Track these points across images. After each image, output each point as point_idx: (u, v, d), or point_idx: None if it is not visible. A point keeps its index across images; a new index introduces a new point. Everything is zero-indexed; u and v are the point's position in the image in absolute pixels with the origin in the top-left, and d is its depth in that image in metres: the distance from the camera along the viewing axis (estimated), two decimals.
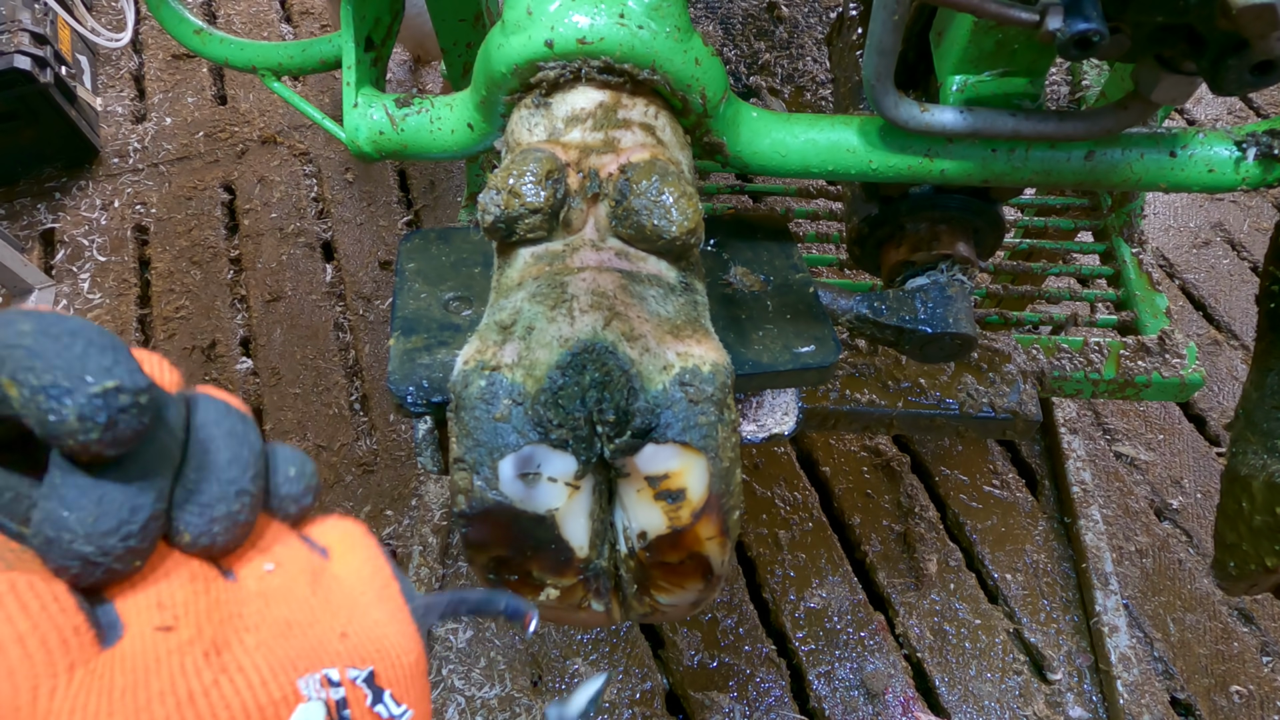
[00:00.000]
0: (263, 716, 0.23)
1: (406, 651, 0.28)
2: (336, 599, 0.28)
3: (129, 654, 0.23)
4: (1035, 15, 0.47)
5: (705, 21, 1.88)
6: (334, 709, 0.25)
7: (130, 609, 0.24)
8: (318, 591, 0.27)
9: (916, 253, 0.70)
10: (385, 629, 0.28)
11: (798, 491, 1.43)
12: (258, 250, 1.74)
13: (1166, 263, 1.78)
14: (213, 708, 0.23)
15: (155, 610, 0.24)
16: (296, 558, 0.28)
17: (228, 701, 0.23)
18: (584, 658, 1.28)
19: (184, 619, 0.24)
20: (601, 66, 0.51)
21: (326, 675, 0.25)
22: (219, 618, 0.25)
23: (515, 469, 0.42)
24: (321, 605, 0.27)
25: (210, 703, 0.23)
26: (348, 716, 0.25)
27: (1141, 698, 1.23)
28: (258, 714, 0.23)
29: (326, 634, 0.26)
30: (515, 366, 0.44)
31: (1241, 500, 0.66)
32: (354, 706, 0.25)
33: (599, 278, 0.47)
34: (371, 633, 0.27)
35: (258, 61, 0.83)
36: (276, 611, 0.26)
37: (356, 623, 0.27)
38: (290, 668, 0.24)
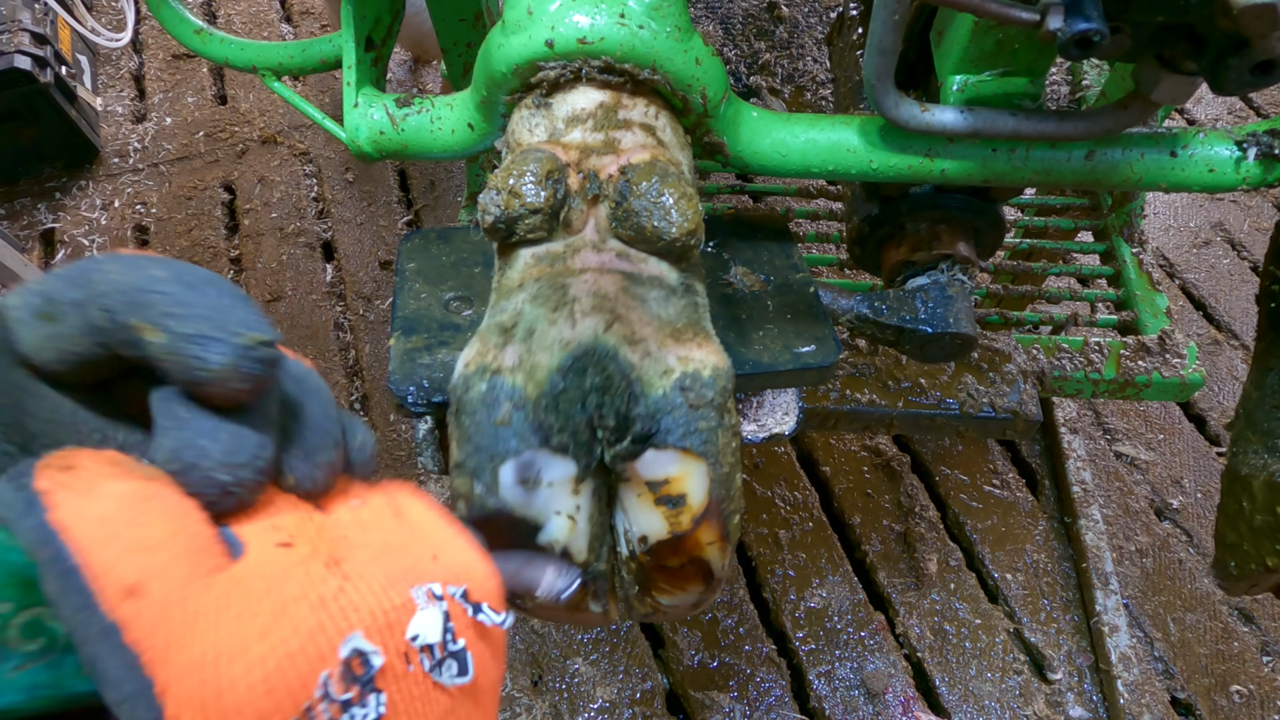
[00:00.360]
0: (387, 620, 0.24)
1: (490, 575, 0.29)
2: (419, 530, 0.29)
3: (258, 565, 0.24)
4: (1036, 15, 0.47)
5: (705, 21, 1.88)
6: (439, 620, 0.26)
7: (246, 531, 0.26)
8: (403, 522, 0.28)
9: (917, 253, 0.70)
10: (468, 555, 0.29)
11: (798, 491, 1.43)
12: (258, 250, 1.74)
13: (1166, 263, 1.78)
14: (344, 610, 0.24)
15: (272, 531, 0.25)
16: (377, 496, 0.30)
17: (356, 605, 0.24)
18: (584, 658, 1.28)
19: (299, 538, 0.25)
20: (602, 66, 0.51)
21: (430, 589, 0.26)
22: (329, 538, 0.26)
23: (515, 475, 0.42)
24: (409, 532, 0.28)
25: (341, 606, 0.24)
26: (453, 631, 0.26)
27: (1142, 697, 1.23)
28: (383, 618, 0.24)
29: (421, 555, 0.27)
30: (516, 370, 0.44)
31: (1242, 500, 0.66)
32: (456, 619, 0.26)
33: (600, 279, 0.47)
34: (458, 557, 0.28)
35: (258, 61, 0.83)
36: (373, 535, 0.27)
37: (443, 548, 0.28)
38: (402, 580, 0.25)
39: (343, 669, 0.23)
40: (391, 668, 0.24)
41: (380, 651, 0.24)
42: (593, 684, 1.25)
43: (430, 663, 0.25)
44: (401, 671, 0.24)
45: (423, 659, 0.25)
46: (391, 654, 0.24)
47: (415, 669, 0.25)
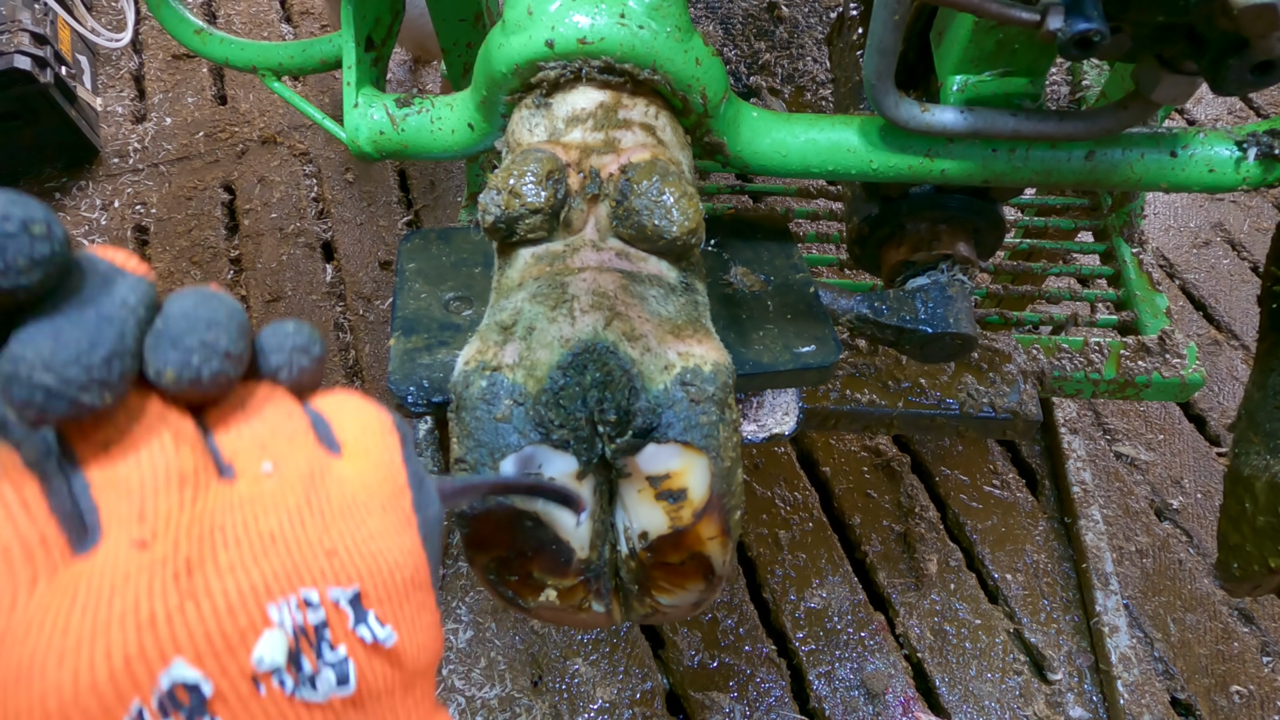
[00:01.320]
0: (226, 644, 0.23)
1: (400, 567, 0.27)
2: (332, 507, 0.26)
3: (99, 568, 0.22)
4: (1036, 15, 0.47)
5: (705, 21, 1.88)
6: (311, 632, 0.24)
7: (111, 514, 0.23)
8: (312, 500, 0.26)
9: (917, 253, 0.70)
10: (381, 542, 0.27)
11: (798, 491, 1.43)
12: (258, 250, 1.74)
13: (1166, 263, 1.78)
14: (174, 634, 0.22)
15: (136, 523, 0.23)
16: (298, 456, 0.27)
17: (190, 629, 0.22)
18: (584, 658, 1.28)
19: (162, 534, 0.23)
20: (602, 66, 0.51)
21: (305, 598, 0.24)
22: (199, 533, 0.24)
23: (516, 469, 0.42)
24: (313, 517, 0.26)
25: (172, 629, 0.22)
26: (329, 641, 0.24)
27: (1142, 698, 1.23)
28: (221, 642, 0.23)
29: (312, 551, 0.25)
30: (516, 367, 0.44)
31: (1244, 501, 0.66)
32: (335, 628, 0.24)
33: (600, 278, 0.47)
34: (363, 547, 0.26)
35: (258, 61, 0.83)
36: (263, 523, 0.25)
37: (349, 536, 0.26)
38: (264, 592, 0.24)
39: (163, 698, 0.22)
40: (232, 693, 0.22)
41: (208, 679, 0.22)
42: (593, 684, 1.25)
43: (294, 682, 0.23)
44: (246, 695, 0.23)
45: (282, 680, 0.23)
46: (231, 679, 0.22)
47: (268, 692, 0.23)
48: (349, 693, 0.24)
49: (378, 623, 0.25)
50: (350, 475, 0.28)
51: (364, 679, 0.25)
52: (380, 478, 0.29)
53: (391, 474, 0.29)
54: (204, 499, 0.24)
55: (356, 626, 0.25)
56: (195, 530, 0.24)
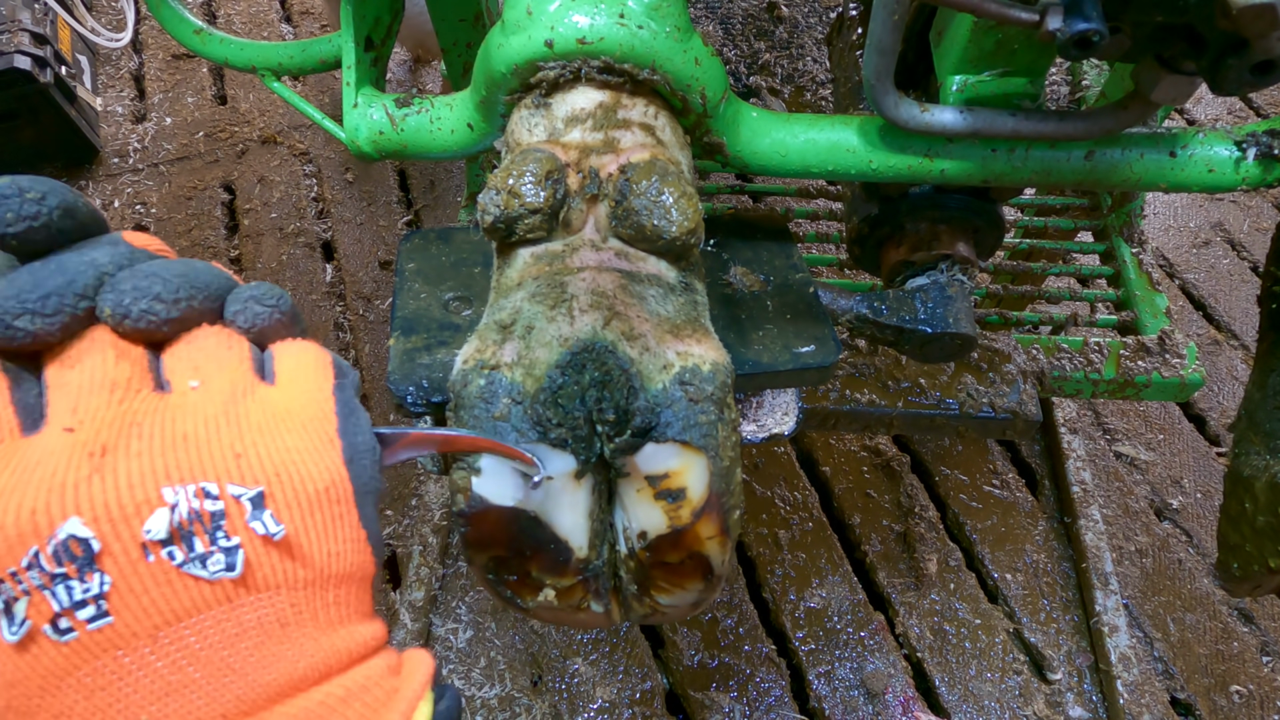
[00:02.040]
0: (122, 513, 0.27)
1: (311, 478, 0.30)
2: (249, 421, 0.30)
3: (34, 445, 0.27)
4: (1035, 15, 0.47)
5: (705, 21, 1.88)
6: (207, 518, 0.28)
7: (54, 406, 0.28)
8: (230, 412, 0.30)
9: (916, 253, 0.70)
10: (294, 455, 0.30)
11: (798, 491, 1.43)
12: (258, 250, 1.74)
13: (1166, 263, 1.78)
14: (77, 499, 0.26)
15: (69, 414, 0.28)
16: (223, 376, 0.31)
17: (92, 496, 0.26)
18: (584, 658, 1.28)
19: (87, 424, 0.28)
20: (601, 66, 0.51)
21: (204, 488, 0.28)
22: (119, 426, 0.28)
23: (514, 468, 0.42)
24: (228, 425, 0.29)
25: (77, 495, 0.26)
26: (223, 526, 0.28)
27: (1141, 697, 1.23)
28: (117, 510, 0.27)
29: (220, 451, 0.29)
30: (515, 366, 0.44)
31: (1244, 501, 0.66)
32: (231, 519, 0.28)
33: (598, 277, 0.47)
34: (274, 456, 0.29)
35: (258, 61, 0.83)
36: (178, 426, 0.29)
37: (261, 446, 0.29)
38: (163, 475, 0.27)
39: (57, 547, 0.26)
40: (122, 554, 0.26)
41: (99, 539, 0.26)
42: (592, 684, 1.25)
43: (184, 556, 0.27)
44: (136, 558, 0.27)
45: (171, 552, 0.27)
46: (121, 542, 0.26)
47: (156, 560, 0.27)
48: (234, 576, 0.28)
49: (272, 519, 0.29)
50: (277, 398, 0.31)
51: (254, 567, 0.28)
52: (304, 402, 0.32)
53: (317, 400, 0.32)
54: (132, 402, 0.29)
55: (251, 520, 0.28)
56: (117, 424, 0.28)
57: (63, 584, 0.26)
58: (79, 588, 0.26)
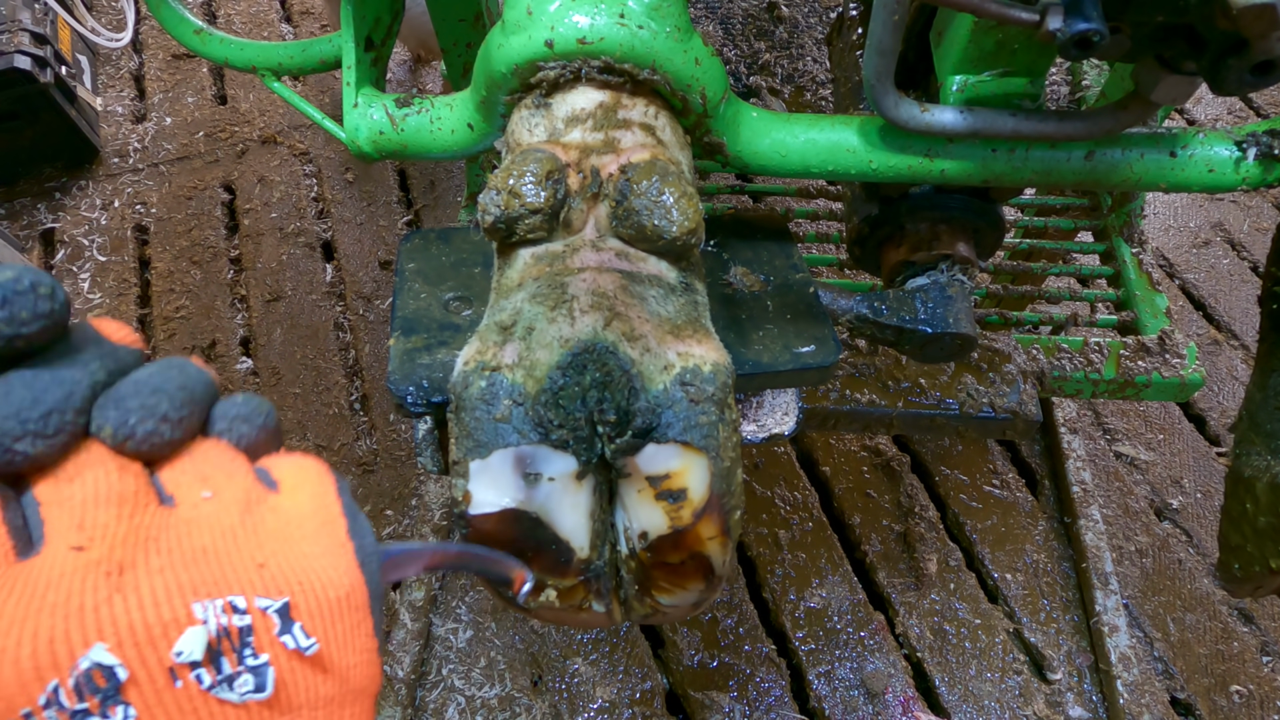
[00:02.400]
0: (147, 635, 0.24)
1: (333, 585, 0.28)
2: (266, 530, 0.28)
3: (38, 568, 0.24)
4: (1035, 15, 0.47)
5: (705, 21, 1.88)
6: (235, 635, 0.25)
7: (54, 524, 0.25)
8: (246, 522, 0.28)
9: (916, 253, 0.70)
10: (313, 562, 0.28)
11: (798, 491, 1.43)
12: (258, 250, 1.74)
13: (1166, 263, 1.78)
14: (99, 622, 0.24)
15: (75, 531, 0.25)
16: (235, 486, 0.29)
17: (115, 618, 0.24)
18: (584, 658, 1.28)
19: (98, 541, 0.25)
20: (601, 66, 0.51)
21: (231, 602, 0.26)
22: (134, 542, 0.26)
23: (510, 466, 0.42)
24: (247, 535, 0.27)
25: (99, 618, 0.24)
26: (250, 644, 0.25)
27: (1141, 698, 1.23)
28: (144, 632, 0.24)
29: (242, 563, 0.27)
30: (516, 367, 0.44)
31: (1246, 502, 0.66)
32: (259, 635, 0.26)
33: (599, 278, 0.47)
34: (295, 564, 0.28)
35: (258, 61, 0.83)
36: (196, 539, 0.27)
37: (281, 555, 0.28)
38: (190, 591, 0.25)
39: (79, 679, 0.23)
40: (148, 681, 0.24)
41: (125, 665, 0.24)
42: (592, 684, 1.25)
43: (212, 679, 0.25)
44: (161, 686, 0.24)
45: (199, 675, 0.24)
46: (147, 668, 0.24)
47: (184, 684, 0.24)
48: (264, 697, 0.25)
49: (302, 633, 0.26)
50: (286, 505, 0.30)
51: (284, 686, 0.26)
52: (314, 507, 0.30)
53: (325, 504, 0.31)
54: (142, 516, 0.26)
55: (282, 635, 0.26)
56: (131, 540, 0.26)
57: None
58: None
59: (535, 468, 0.43)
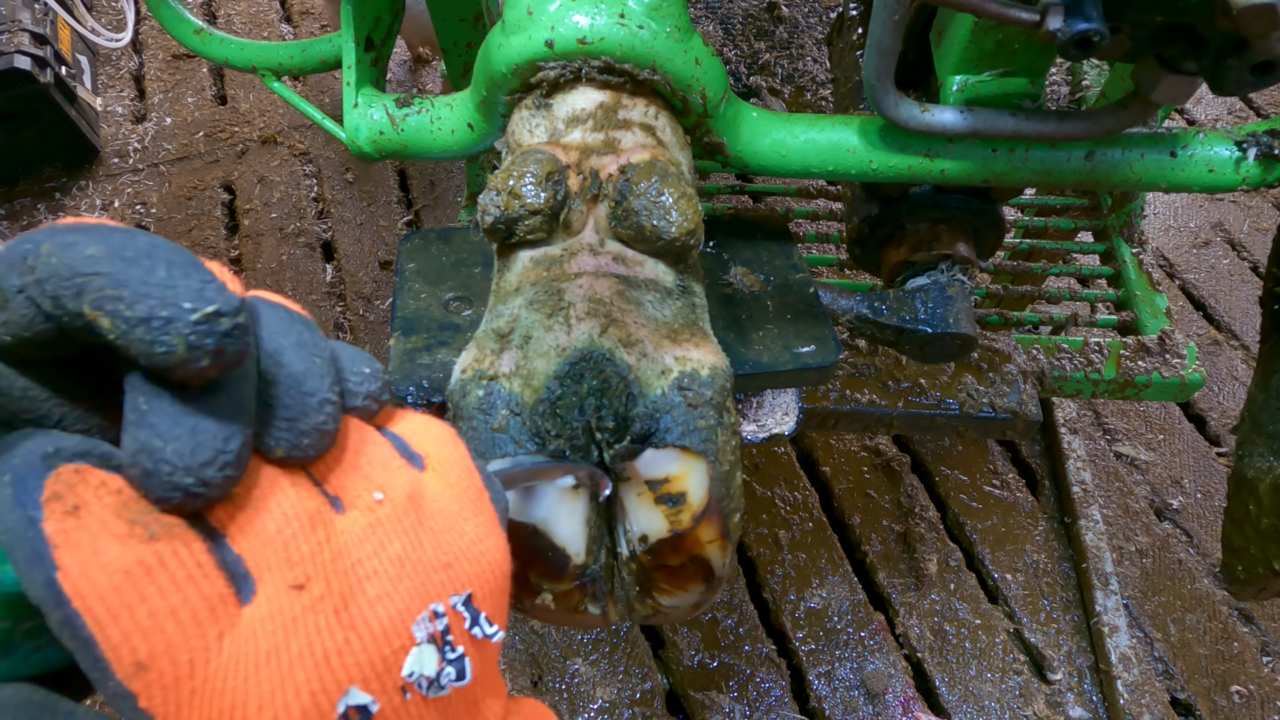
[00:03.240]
0: (385, 666, 0.25)
1: (498, 565, 0.30)
2: (438, 522, 0.29)
3: (267, 615, 0.24)
4: (1036, 15, 0.47)
5: (705, 21, 1.88)
6: (439, 640, 0.27)
7: (259, 562, 0.25)
8: (423, 520, 0.28)
9: (916, 253, 0.70)
10: (479, 546, 0.30)
11: (798, 491, 1.43)
12: (258, 250, 1.74)
13: (1166, 263, 1.78)
14: (346, 668, 0.25)
15: (287, 569, 0.25)
16: (399, 482, 0.29)
17: (358, 660, 0.25)
18: (584, 658, 1.27)
19: (314, 576, 0.25)
20: (602, 67, 0.51)
21: (434, 610, 0.27)
22: (343, 568, 0.26)
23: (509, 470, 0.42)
24: (426, 535, 0.28)
25: (343, 662, 0.25)
26: (451, 643, 0.27)
27: (1141, 698, 1.23)
28: (381, 664, 0.25)
29: (433, 567, 0.28)
30: (513, 376, 0.44)
31: (1249, 503, 0.66)
32: (455, 632, 0.27)
33: (595, 284, 0.47)
34: (469, 553, 0.29)
35: (258, 61, 0.83)
36: (390, 549, 0.27)
37: (456, 547, 0.29)
38: (406, 614, 0.26)
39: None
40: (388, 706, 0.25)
41: (375, 700, 0.25)
42: (592, 684, 1.25)
43: (428, 684, 0.26)
44: (398, 705, 0.26)
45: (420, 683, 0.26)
46: (388, 694, 0.25)
47: (412, 697, 0.26)
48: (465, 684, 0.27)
49: (487, 622, 0.28)
50: (438, 488, 0.30)
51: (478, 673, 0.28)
52: (464, 485, 0.31)
53: (471, 479, 0.32)
54: (336, 535, 0.26)
55: (472, 627, 0.28)
56: (338, 566, 0.26)
57: None
58: None
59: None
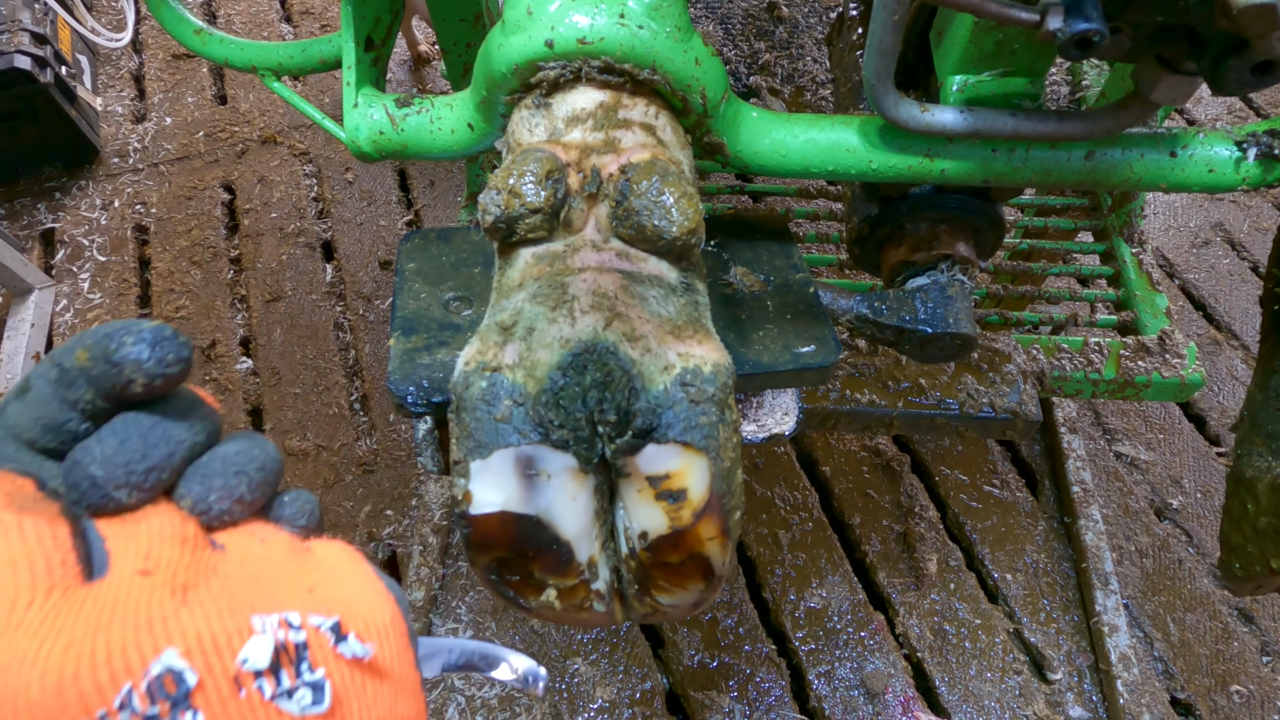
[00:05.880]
0: (215, 644, 0.25)
1: (379, 610, 0.30)
2: (312, 566, 0.30)
3: (105, 588, 0.26)
4: (1035, 15, 0.47)
5: (705, 21, 1.88)
6: (292, 649, 0.26)
7: (119, 550, 0.27)
8: (294, 560, 0.30)
9: (916, 253, 0.70)
10: (357, 591, 0.30)
11: (798, 491, 1.43)
12: (258, 250, 1.74)
13: (1166, 263, 1.78)
14: (168, 632, 0.25)
15: (141, 559, 0.27)
16: (282, 538, 0.31)
17: (183, 628, 0.25)
18: (584, 658, 1.28)
19: (163, 567, 0.27)
20: (602, 66, 0.51)
21: (285, 618, 0.27)
22: (194, 570, 0.28)
23: (512, 466, 0.42)
24: (295, 569, 0.29)
25: (166, 628, 0.25)
26: (307, 658, 0.27)
27: (1141, 698, 1.23)
28: (210, 640, 0.25)
29: (294, 587, 0.28)
30: (516, 367, 0.44)
31: (1247, 502, 0.66)
32: (316, 649, 0.27)
33: (600, 278, 0.47)
34: (341, 591, 0.29)
35: (258, 61, 0.83)
36: (249, 570, 0.28)
37: (328, 584, 0.29)
38: (248, 607, 0.27)
39: (151, 683, 0.24)
40: (214, 689, 0.25)
41: (194, 671, 0.25)
42: (593, 684, 1.25)
43: (273, 690, 0.26)
44: (228, 694, 0.25)
45: (261, 685, 0.25)
46: (214, 675, 0.25)
47: (249, 694, 0.25)
48: (322, 710, 0.26)
49: (358, 641, 0.28)
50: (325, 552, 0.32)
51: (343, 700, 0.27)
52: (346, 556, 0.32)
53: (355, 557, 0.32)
54: (201, 553, 0.28)
55: (338, 645, 0.27)
56: (193, 569, 0.28)
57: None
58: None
59: (536, 468, 0.43)
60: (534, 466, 0.43)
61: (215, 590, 0.27)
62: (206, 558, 0.28)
